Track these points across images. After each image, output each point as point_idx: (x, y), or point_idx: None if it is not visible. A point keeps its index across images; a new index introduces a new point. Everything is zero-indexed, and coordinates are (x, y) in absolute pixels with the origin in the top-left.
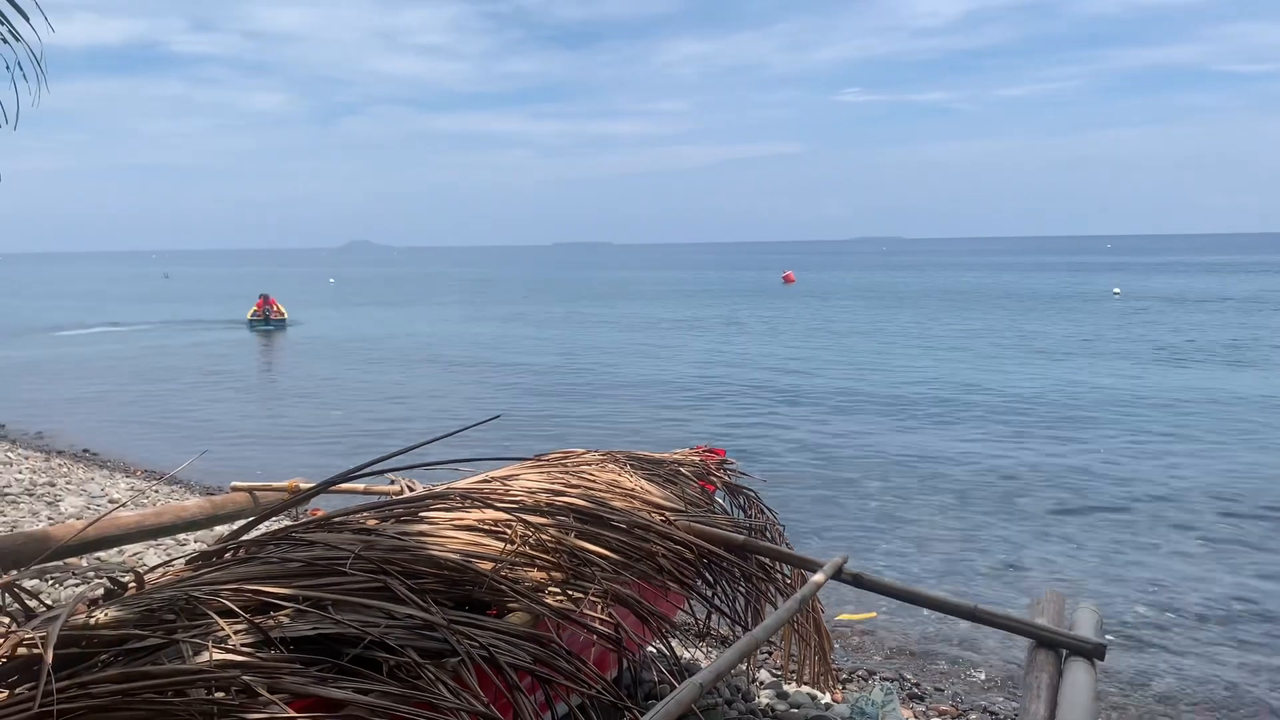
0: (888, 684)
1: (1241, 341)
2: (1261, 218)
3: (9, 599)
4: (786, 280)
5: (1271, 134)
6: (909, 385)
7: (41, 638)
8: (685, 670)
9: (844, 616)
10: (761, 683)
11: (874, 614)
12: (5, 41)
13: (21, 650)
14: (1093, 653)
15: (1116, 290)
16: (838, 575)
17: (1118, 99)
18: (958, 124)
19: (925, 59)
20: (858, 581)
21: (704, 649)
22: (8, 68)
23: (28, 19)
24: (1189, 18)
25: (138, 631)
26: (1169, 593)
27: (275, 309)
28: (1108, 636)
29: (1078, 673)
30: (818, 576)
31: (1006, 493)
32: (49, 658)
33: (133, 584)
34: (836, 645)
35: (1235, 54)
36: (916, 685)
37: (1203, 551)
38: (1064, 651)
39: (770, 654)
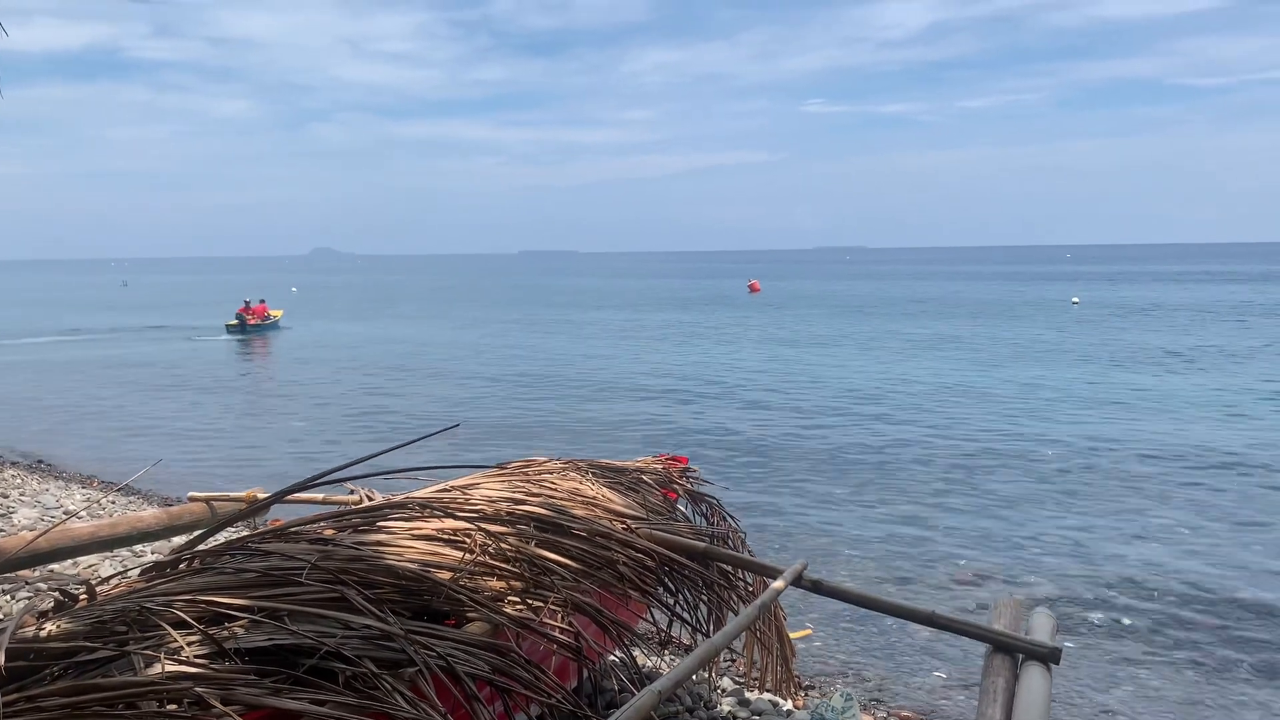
0: (848, 690)
1: (1189, 349)
2: (1218, 228)
3: None
4: (752, 289)
5: (1227, 146)
6: (872, 394)
7: None
8: (646, 679)
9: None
10: (724, 690)
11: (809, 630)
12: None
13: None
14: (1048, 657)
15: (1076, 299)
16: (798, 582)
17: (1078, 111)
18: (922, 134)
19: (890, 70)
20: (817, 588)
21: (667, 657)
22: None
23: None
24: (1148, 32)
25: (88, 644)
26: (1125, 598)
27: (254, 315)
28: (1064, 641)
29: (1033, 677)
30: (778, 583)
31: (967, 500)
32: None
33: (84, 596)
34: (799, 650)
35: (1192, 68)
36: (877, 690)
37: (1160, 559)
38: (1020, 656)
39: (733, 661)
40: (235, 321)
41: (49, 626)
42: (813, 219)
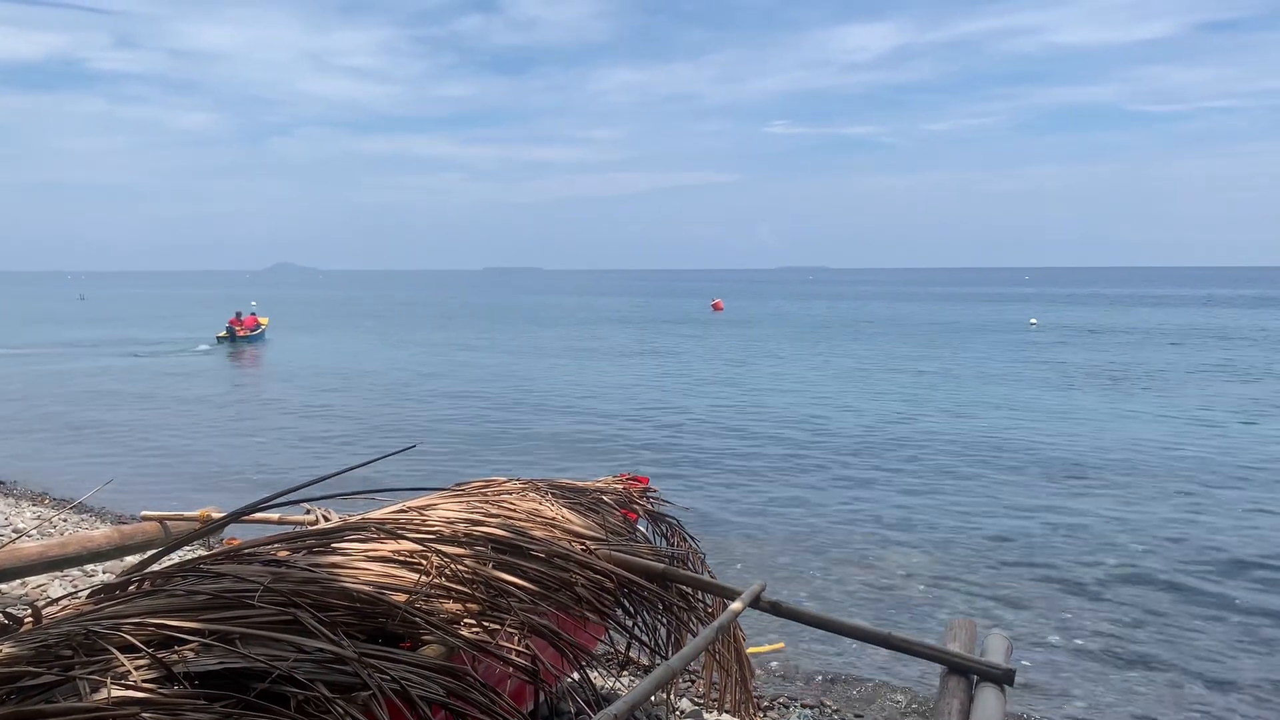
0: (807, 711)
1: (1151, 370)
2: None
3: None
4: (715, 308)
5: (1181, 172)
6: (831, 413)
7: None
8: (604, 701)
9: (753, 650)
10: (682, 712)
11: (781, 645)
12: None
13: None
14: (1002, 678)
15: (1034, 321)
16: (756, 603)
17: (1037, 135)
18: (884, 157)
19: (853, 93)
20: (775, 609)
21: (625, 679)
22: None
23: None
24: (1105, 59)
25: (32, 669)
26: (1079, 619)
27: (244, 328)
28: (1023, 661)
29: (988, 698)
30: (736, 604)
31: (922, 520)
32: None
33: (29, 618)
34: (758, 673)
35: (1148, 95)
36: (836, 712)
37: (1112, 579)
38: (975, 677)
39: (692, 683)
40: (225, 333)
41: None
42: (776, 239)
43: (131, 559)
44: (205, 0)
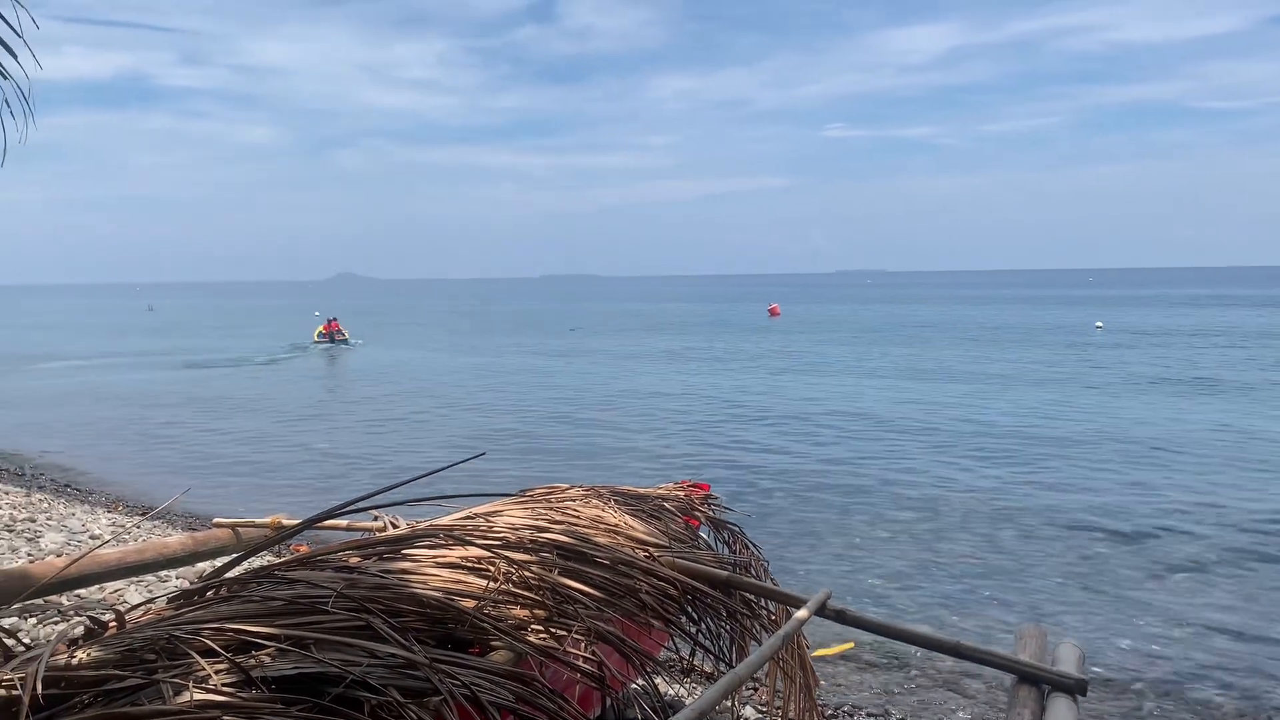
0: None
1: (1222, 374)
2: (1239, 250)
3: None
4: (771, 313)
5: (1247, 169)
6: (897, 419)
7: (21, 679)
8: (669, 708)
9: (821, 652)
10: (746, 719)
11: (851, 644)
12: None
13: (0, 691)
14: (1075, 689)
15: (1099, 324)
16: (821, 611)
17: (1099, 135)
18: (942, 159)
19: (909, 95)
20: (840, 617)
21: (689, 686)
22: None
23: (15, 57)
24: (1169, 55)
25: (118, 672)
26: (1153, 629)
27: (341, 332)
28: (1093, 669)
29: (1060, 709)
30: (801, 612)
31: (990, 526)
32: (27, 699)
33: (113, 623)
34: (822, 682)
35: (1213, 91)
36: None
37: (1189, 587)
38: (1046, 687)
39: (755, 690)
40: (326, 337)
41: (79, 654)
42: (832, 243)
43: (203, 565)
44: (268, 17)
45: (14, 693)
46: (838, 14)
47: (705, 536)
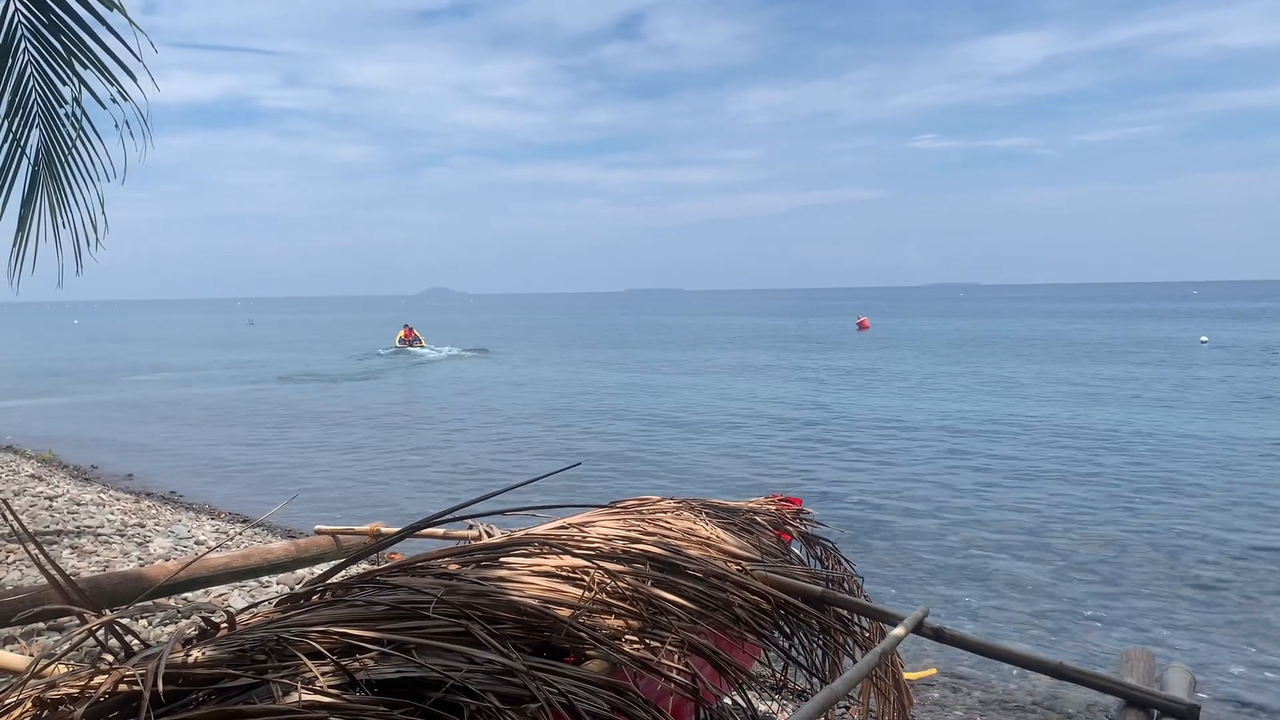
0: None
1: None
2: None
3: (109, 637)
4: (861, 326)
5: None
6: (991, 434)
7: (142, 675)
8: None
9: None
10: None
11: (934, 670)
12: (115, 101)
13: (122, 687)
14: (1186, 715)
15: (1204, 338)
16: (918, 629)
17: (1202, 143)
18: (1038, 169)
19: (1004, 105)
20: (939, 636)
21: (781, 702)
22: (116, 126)
23: (135, 79)
24: (1275, 60)
25: (231, 671)
26: (1268, 655)
27: (418, 339)
28: (1201, 695)
29: None
30: (898, 630)
31: (1091, 546)
32: (148, 695)
33: (225, 624)
34: (918, 699)
35: None
36: None
37: None
38: (1155, 712)
39: (847, 709)
40: (405, 343)
41: (195, 653)
42: (923, 256)
43: (303, 571)
44: (364, 39)
45: (135, 688)
46: (929, 25)
47: (797, 551)
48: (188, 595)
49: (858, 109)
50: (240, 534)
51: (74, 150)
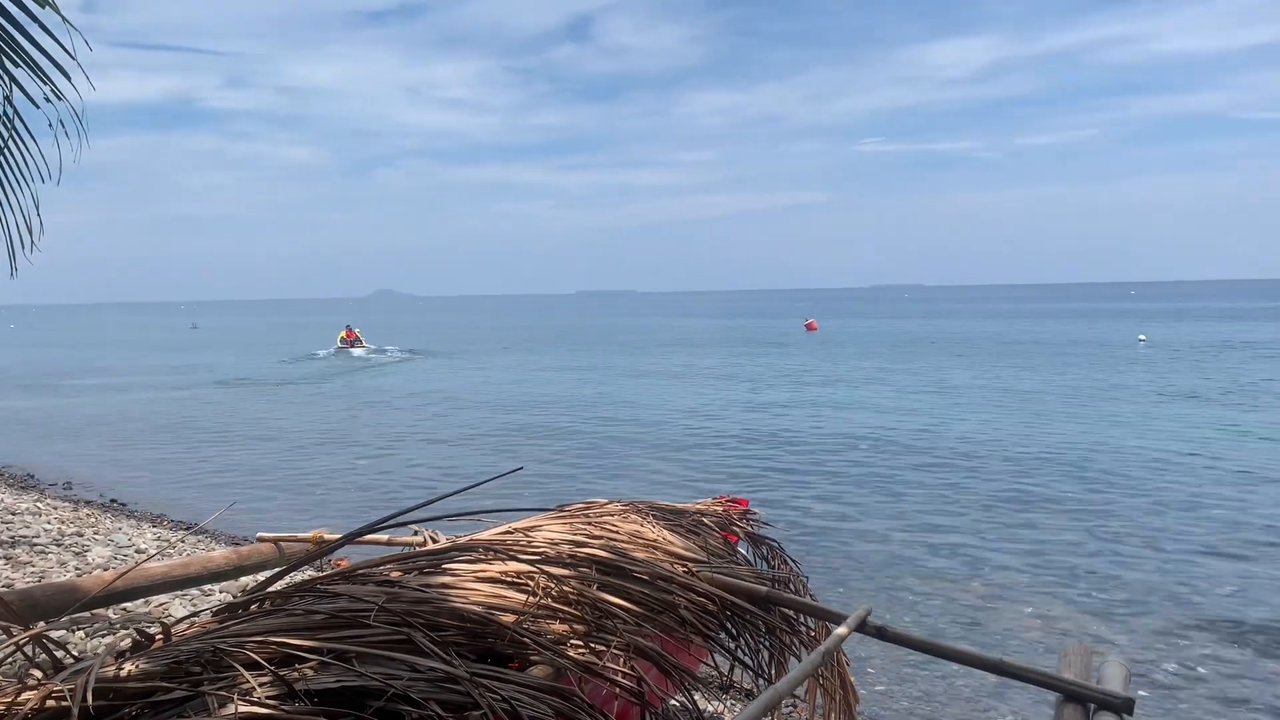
0: None
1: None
2: None
3: (38, 651)
4: (809, 328)
5: None
6: (930, 435)
7: (70, 690)
8: None
9: None
10: None
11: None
12: (49, 100)
13: (50, 702)
14: (1121, 708)
15: (1142, 337)
16: (861, 627)
17: (1140, 146)
18: (980, 172)
19: (948, 109)
20: (881, 634)
21: (728, 702)
22: (50, 125)
23: (69, 78)
24: (1211, 66)
25: (164, 684)
26: (1199, 648)
27: (359, 340)
28: (1140, 692)
29: None
30: (841, 629)
31: (1026, 543)
32: (78, 710)
33: (160, 636)
34: (862, 695)
35: (1257, 102)
36: None
37: (1239, 605)
38: (1092, 706)
39: (794, 707)
40: (346, 344)
41: (127, 666)
42: (869, 257)
43: (246, 579)
44: (310, 40)
45: (64, 704)
46: (875, 29)
47: (744, 552)
48: (127, 606)
49: (806, 112)
50: (182, 541)
51: (6, 150)
